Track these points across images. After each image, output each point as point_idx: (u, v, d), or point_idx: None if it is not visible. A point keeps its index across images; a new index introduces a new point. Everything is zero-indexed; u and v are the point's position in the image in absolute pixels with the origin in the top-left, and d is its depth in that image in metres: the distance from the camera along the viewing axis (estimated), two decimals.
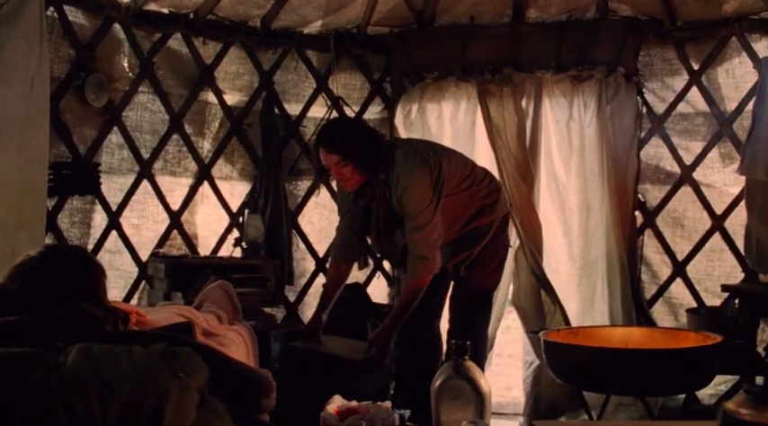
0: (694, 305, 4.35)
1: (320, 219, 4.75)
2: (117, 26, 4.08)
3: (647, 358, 2.86)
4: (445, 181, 3.23)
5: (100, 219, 4.10)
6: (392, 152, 3.21)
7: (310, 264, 4.77)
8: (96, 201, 4.06)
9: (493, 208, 3.47)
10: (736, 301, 4.02)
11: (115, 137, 4.16)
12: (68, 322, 1.42)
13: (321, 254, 4.76)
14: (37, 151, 3.37)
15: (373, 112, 4.83)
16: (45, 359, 1.26)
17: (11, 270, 1.57)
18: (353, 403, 1.82)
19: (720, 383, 3.98)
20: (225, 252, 4.53)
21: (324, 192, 4.69)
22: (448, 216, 3.28)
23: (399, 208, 3.19)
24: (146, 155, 4.28)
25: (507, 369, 5.46)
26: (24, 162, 3.29)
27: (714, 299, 4.30)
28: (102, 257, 4.08)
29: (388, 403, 1.83)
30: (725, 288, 4.00)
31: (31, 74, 3.33)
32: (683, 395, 3.85)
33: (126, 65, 4.16)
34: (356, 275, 4.27)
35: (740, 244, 4.23)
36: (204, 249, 4.52)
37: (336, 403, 1.81)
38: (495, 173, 4.55)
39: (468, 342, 2.95)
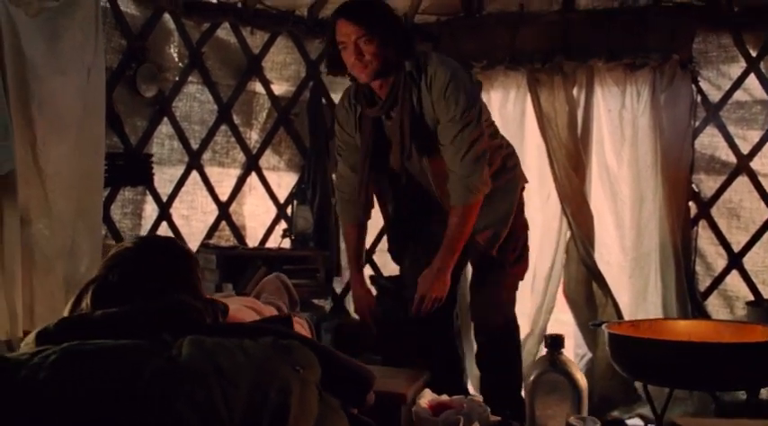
0: (750, 297, 4.26)
1: None
2: (167, 16, 4.06)
3: (720, 352, 2.79)
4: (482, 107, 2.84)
5: (150, 210, 4.09)
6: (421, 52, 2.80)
7: None
8: (147, 192, 4.05)
9: (514, 171, 3.08)
10: None
11: (165, 127, 4.14)
12: (171, 313, 1.39)
13: (367, 245, 4.71)
14: (94, 142, 3.36)
15: None
16: (159, 352, 1.22)
17: (106, 261, 1.54)
18: (444, 398, 1.78)
19: None
20: (272, 243, 4.51)
21: None
22: None
23: (432, 116, 2.70)
24: (194, 146, 4.27)
25: None
26: (82, 153, 3.28)
27: None
28: None
29: (479, 397, 1.78)
30: None
31: (87, 65, 3.32)
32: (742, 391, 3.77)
33: (175, 55, 4.15)
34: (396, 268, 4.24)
35: None
36: (252, 240, 4.50)
37: (427, 397, 1.77)
38: (546, 164, 4.52)
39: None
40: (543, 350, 2.42)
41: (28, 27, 3.05)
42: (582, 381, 1.71)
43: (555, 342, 1.74)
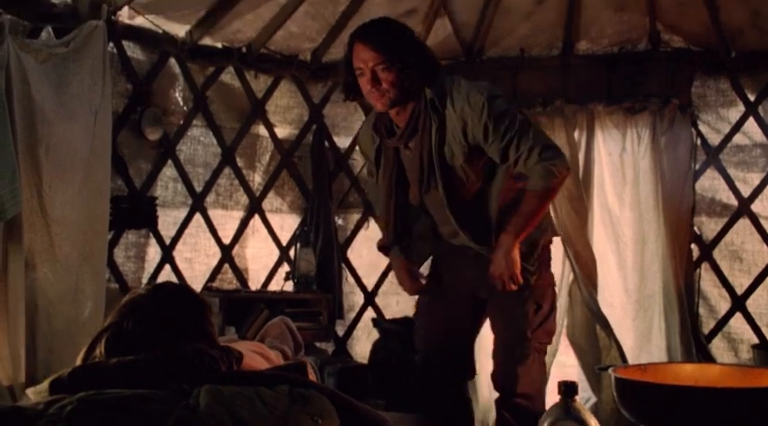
0: (755, 340, 4.25)
1: (369, 253, 4.70)
2: (172, 60, 4.10)
3: (731, 397, 2.75)
4: None
5: (154, 253, 4.08)
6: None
7: (359, 298, 4.73)
8: (151, 235, 4.05)
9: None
10: None
11: (169, 170, 4.15)
12: (188, 362, 1.38)
13: (370, 288, 4.71)
14: (99, 185, 3.36)
15: None
16: (176, 402, 1.21)
17: (120, 308, 1.54)
18: None
19: None
20: (275, 285, 4.50)
21: (373, 226, 4.65)
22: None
23: (460, 143, 2.54)
24: (198, 189, 4.28)
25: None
26: (88, 196, 3.28)
27: None
28: None
29: None
30: None
31: (94, 109, 3.34)
32: None
33: (180, 99, 4.18)
34: (406, 309, 4.23)
35: None
36: (254, 283, 4.49)
37: None
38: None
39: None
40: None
41: (37, 73, 3.08)
42: None
43: (569, 389, 1.72)
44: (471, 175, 2.62)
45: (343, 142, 4.70)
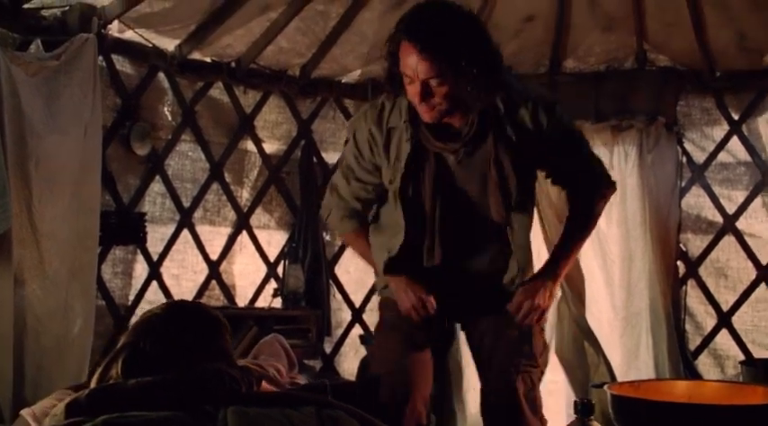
0: (741, 356, 4.28)
1: (356, 269, 4.67)
2: (161, 75, 4.06)
3: (730, 414, 2.76)
4: None
5: (141, 269, 4.02)
6: None
7: (347, 315, 4.69)
8: (138, 251, 3.99)
9: None
10: None
11: (157, 185, 4.10)
12: (209, 383, 1.34)
13: (357, 305, 4.68)
14: (89, 200, 3.32)
15: None
16: (203, 424, 1.18)
17: (135, 327, 1.50)
18: None
19: None
20: (262, 302, 4.45)
21: None
22: None
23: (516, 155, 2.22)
24: (186, 204, 4.23)
25: None
26: (78, 211, 3.23)
27: (762, 351, 4.23)
28: (143, 308, 3.98)
29: None
30: None
31: (84, 123, 3.31)
32: None
33: (168, 113, 4.13)
34: None
35: None
36: (242, 299, 4.44)
37: None
38: (536, 223, 4.54)
39: None
40: None
41: (27, 86, 3.04)
42: None
43: (585, 408, 1.71)
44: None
45: (331, 158, 4.67)
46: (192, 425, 1.18)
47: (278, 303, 4.34)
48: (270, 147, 4.54)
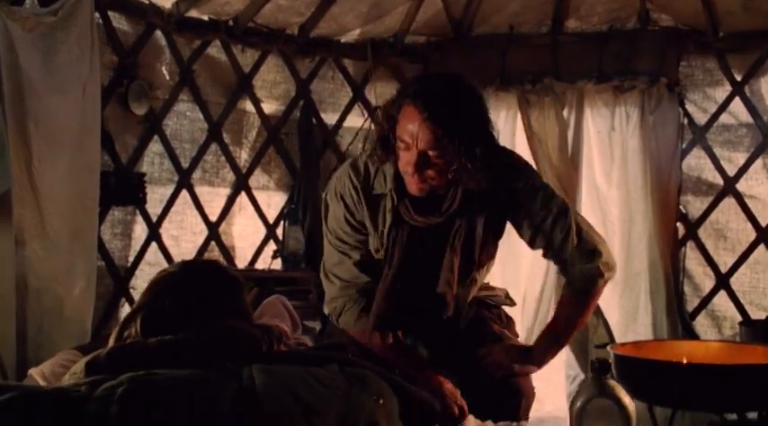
0: (738, 317, 4.31)
1: None
2: (158, 32, 3.99)
3: (733, 373, 2.78)
4: None
5: (140, 231, 3.99)
6: None
7: None
8: (137, 212, 3.95)
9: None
10: None
11: (155, 145, 4.05)
12: (230, 341, 1.33)
13: None
14: (89, 160, 3.27)
15: None
16: (229, 382, 1.16)
17: (152, 286, 1.47)
18: (489, 424, 1.74)
19: None
20: (262, 263, 4.43)
21: None
22: None
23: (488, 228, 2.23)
24: (185, 165, 4.18)
25: (538, 383, 5.37)
26: (77, 172, 3.18)
27: (759, 312, 4.25)
28: (143, 270, 3.98)
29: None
30: None
31: (83, 80, 3.24)
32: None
33: (166, 72, 4.07)
34: None
35: None
36: (241, 261, 4.42)
37: (473, 423, 1.73)
38: None
39: None
40: None
41: (24, 42, 2.97)
42: (630, 406, 1.69)
43: (602, 367, 1.71)
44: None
45: (330, 119, 4.63)
46: (216, 383, 1.16)
47: (278, 264, 4.33)
48: (268, 108, 4.48)
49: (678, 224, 4.46)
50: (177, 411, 1.10)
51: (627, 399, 1.69)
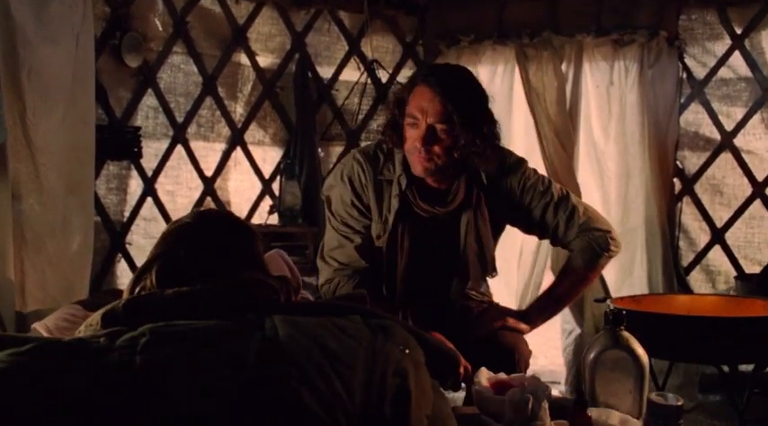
0: (732, 272, 4.34)
1: None
2: None
3: (732, 326, 2.82)
4: None
5: (135, 186, 3.94)
6: None
7: None
8: (132, 167, 3.90)
9: None
10: None
11: (149, 99, 3.98)
12: (249, 291, 1.31)
13: None
14: (83, 113, 3.20)
15: (405, 76, 4.69)
16: (251, 333, 1.14)
17: (166, 236, 1.44)
18: (503, 375, 1.74)
19: None
20: (258, 219, 4.40)
21: None
22: None
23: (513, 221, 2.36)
24: (179, 119, 4.12)
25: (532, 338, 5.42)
26: (72, 124, 3.12)
27: (753, 266, 4.29)
28: (138, 225, 3.95)
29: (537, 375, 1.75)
30: None
31: (76, 31, 3.16)
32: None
33: (159, 24, 3.97)
34: None
35: None
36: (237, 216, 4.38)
37: (485, 375, 1.72)
38: (533, 140, 4.49)
39: None
40: None
41: None
42: (644, 357, 1.69)
43: (617, 318, 1.71)
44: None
45: (326, 72, 4.56)
46: (238, 333, 1.14)
47: (274, 219, 4.30)
48: (263, 61, 4.41)
49: (675, 179, 4.47)
50: (203, 361, 1.08)
51: (640, 350, 1.69)
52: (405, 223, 2.21)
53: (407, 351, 1.15)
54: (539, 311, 2.41)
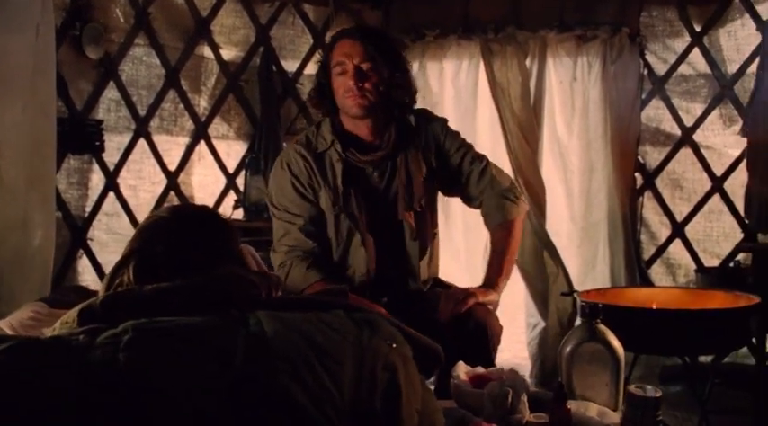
0: (692, 265, 4.42)
1: None
2: None
3: (697, 318, 2.87)
4: None
5: (97, 180, 3.87)
6: None
7: None
8: (93, 161, 3.82)
9: None
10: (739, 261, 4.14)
11: (111, 92, 3.90)
12: (229, 286, 1.28)
13: None
14: (44, 106, 3.12)
15: None
16: (236, 329, 1.12)
17: (142, 232, 1.40)
18: (480, 369, 1.75)
19: None
20: (223, 213, 4.35)
21: None
22: None
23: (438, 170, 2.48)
24: (142, 112, 4.05)
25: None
26: (32, 117, 3.03)
27: (712, 260, 4.38)
28: (100, 220, 3.87)
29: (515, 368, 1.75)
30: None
31: (36, 21, 3.06)
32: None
33: (121, 14, 3.89)
34: None
35: (739, 206, 4.30)
36: None
37: (463, 369, 1.73)
38: (498, 135, 4.52)
39: None
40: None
41: None
42: (620, 350, 1.71)
43: (593, 312, 1.72)
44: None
45: (290, 66, 4.52)
46: (224, 329, 1.12)
47: (239, 214, 4.26)
48: (227, 54, 4.35)
49: (636, 174, 4.53)
50: (190, 358, 1.05)
51: (616, 343, 1.70)
52: (355, 185, 2.36)
53: (394, 346, 1.14)
54: (495, 273, 2.46)
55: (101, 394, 1.02)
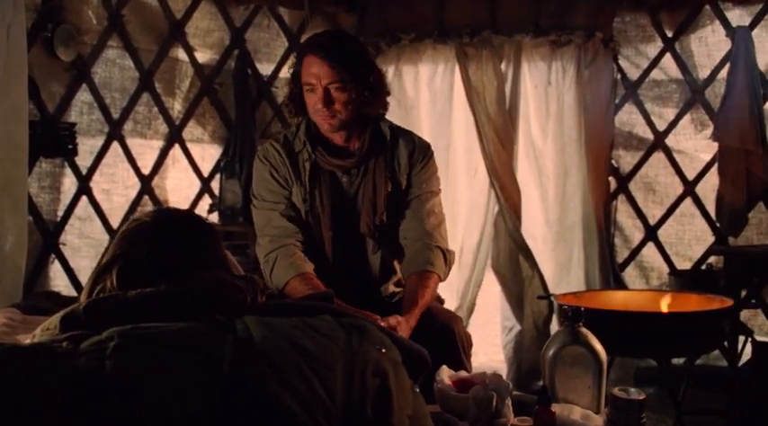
0: (665, 268, 4.47)
1: None
2: None
3: (673, 321, 2.90)
4: None
5: (69, 184, 3.80)
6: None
7: None
8: (66, 165, 3.76)
9: None
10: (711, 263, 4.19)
11: (83, 94, 3.85)
12: (215, 292, 1.27)
13: None
14: (16, 108, 3.05)
15: None
16: (223, 335, 1.11)
17: (124, 236, 1.38)
18: (464, 373, 1.74)
19: None
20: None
21: None
22: None
23: (398, 182, 2.43)
24: (115, 115, 4.00)
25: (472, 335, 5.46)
26: (4, 120, 2.97)
27: (685, 262, 4.43)
28: (73, 225, 3.81)
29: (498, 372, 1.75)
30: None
31: (7, 22, 3.00)
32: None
33: (93, 16, 3.84)
34: None
35: (710, 209, 4.36)
36: None
37: (446, 373, 1.72)
38: (473, 139, 4.53)
39: None
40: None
41: None
42: (602, 353, 1.71)
43: (575, 315, 1.73)
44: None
45: (265, 69, 4.50)
46: (211, 335, 1.10)
47: (214, 218, 4.22)
48: (202, 57, 4.32)
49: (610, 177, 4.58)
50: (177, 364, 1.04)
51: (599, 346, 1.71)
52: (322, 184, 2.38)
53: (384, 351, 1.13)
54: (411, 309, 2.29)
55: (89, 401, 1.00)
